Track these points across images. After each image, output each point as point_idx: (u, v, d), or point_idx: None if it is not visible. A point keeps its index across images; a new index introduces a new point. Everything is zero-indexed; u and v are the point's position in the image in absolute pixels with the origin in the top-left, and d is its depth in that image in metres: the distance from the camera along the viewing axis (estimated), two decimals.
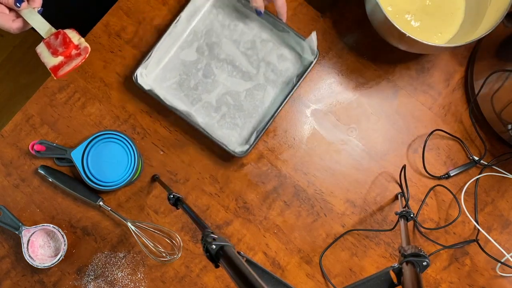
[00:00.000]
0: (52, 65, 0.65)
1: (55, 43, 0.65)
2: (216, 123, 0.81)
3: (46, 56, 0.66)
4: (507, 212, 0.83)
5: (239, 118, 0.81)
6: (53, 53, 0.65)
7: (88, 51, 0.65)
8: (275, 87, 0.82)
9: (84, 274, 0.79)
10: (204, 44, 0.82)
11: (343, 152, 0.83)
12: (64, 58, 0.65)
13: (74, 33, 0.66)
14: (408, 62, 0.85)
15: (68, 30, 0.65)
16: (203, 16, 0.82)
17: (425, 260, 0.49)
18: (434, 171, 0.83)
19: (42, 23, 0.65)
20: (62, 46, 0.64)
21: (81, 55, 0.65)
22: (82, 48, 0.65)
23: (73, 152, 0.76)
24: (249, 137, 0.80)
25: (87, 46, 0.65)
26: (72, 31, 0.66)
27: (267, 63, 0.82)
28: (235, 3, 0.82)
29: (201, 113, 0.81)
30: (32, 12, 0.65)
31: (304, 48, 0.80)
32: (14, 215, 0.76)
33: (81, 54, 0.65)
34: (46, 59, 0.66)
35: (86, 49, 0.65)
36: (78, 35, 0.66)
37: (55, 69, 0.65)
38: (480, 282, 0.82)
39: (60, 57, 0.65)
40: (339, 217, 0.82)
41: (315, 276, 0.81)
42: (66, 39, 0.64)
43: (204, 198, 0.81)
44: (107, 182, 0.75)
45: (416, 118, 0.85)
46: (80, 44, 0.65)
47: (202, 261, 0.80)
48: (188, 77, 0.82)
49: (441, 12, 0.82)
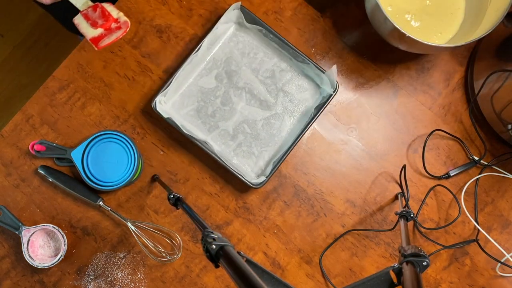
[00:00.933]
0: (92, 36, 0.64)
1: (93, 15, 0.64)
2: (232, 151, 0.81)
3: (85, 27, 0.65)
4: (507, 212, 0.83)
5: (256, 147, 0.81)
6: (92, 25, 0.64)
7: (128, 25, 0.64)
8: (292, 117, 0.82)
9: (84, 274, 0.79)
10: (223, 72, 0.82)
11: (343, 152, 0.83)
12: (104, 31, 0.64)
13: (112, 7, 0.65)
14: (408, 62, 0.85)
15: (106, 4, 0.64)
16: (223, 44, 0.82)
17: (425, 260, 0.49)
18: (434, 171, 0.83)
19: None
20: (101, 18, 0.64)
21: (122, 29, 0.64)
22: (122, 22, 0.64)
23: (73, 152, 0.76)
24: (265, 166, 0.80)
25: (127, 20, 0.64)
26: (110, 5, 0.65)
27: (285, 93, 0.82)
28: (256, 32, 0.81)
29: (218, 140, 0.81)
30: None
31: (323, 80, 0.80)
32: (14, 215, 0.76)
33: (121, 28, 0.64)
34: (85, 30, 0.65)
35: (126, 23, 0.64)
36: (116, 9, 0.65)
37: (96, 40, 0.64)
38: (480, 282, 0.82)
39: (100, 29, 0.64)
40: (339, 217, 0.82)
41: (315, 276, 0.81)
42: (105, 12, 0.64)
43: (204, 198, 0.81)
44: (107, 182, 0.75)
45: (416, 118, 0.85)
46: (120, 18, 0.64)
47: (202, 261, 0.80)
48: (206, 104, 0.81)
49: (441, 12, 0.81)
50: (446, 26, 0.82)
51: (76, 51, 0.82)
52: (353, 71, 0.85)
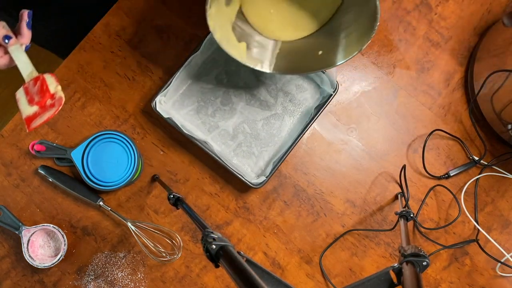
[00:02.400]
0: (26, 115, 0.59)
1: (32, 90, 0.59)
2: (232, 151, 0.81)
3: (23, 104, 0.60)
4: (507, 212, 0.83)
5: (255, 147, 0.81)
6: (29, 101, 0.59)
7: (61, 102, 0.58)
8: (292, 117, 0.82)
9: (84, 274, 0.79)
10: (223, 72, 0.82)
11: (343, 152, 0.83)
12: (39, 109, 0.59)
13: (53, 79, 0.60)
14: (408, 62, 0.85)
15: (48, 75, 0.60)
16: None
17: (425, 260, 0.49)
18: (434, 171, 0.83)
19: (26, 64, 0.60)
20: (38, 94, 0.59)
21: (55, 107, 0.58)
22: (57, 98, 0.58)
23: (73, 152, 0.76)
24: (265, 166, 0.80)
25: (61, 96, 0.58)
26: (51, 76, 0.60)
27: (285, 93, 0.82)
28: None
29: (218, 140, 0.81)
30: (19, 50, 0.60)
31: (323, 80, 0.80)
32: (14, 215, 0.76)
33: (54, 105, 0.58)
34: (23, 107, 0.60)
35: (60, 100, 0.58)
36: (56, 82, 0.60)
37: (29, 119, 0.59)
38: (480, 282, 0.82)
39: (35, 106, 0.59)
40: (339, 217, 0.82)
41: (315, 276, 0.81)
42: (44, 86, 0.59)
43: (204, 198, 0.81)
44: (107, 182, 0.75)
45: (416, 118, 0.85)
46: (56, 93, 0.59)
47: (202, 261, 0.80)
48: (206, 104, 0.82)
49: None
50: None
51: (76, 51, 0.82)
52: (353, 71, 0.85)
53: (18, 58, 0.60)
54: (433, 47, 0.86)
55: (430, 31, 0.86)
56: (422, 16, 0.86)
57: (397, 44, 0.86)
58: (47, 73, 0.60)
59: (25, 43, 0.61)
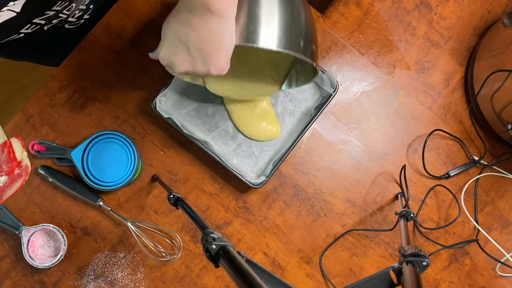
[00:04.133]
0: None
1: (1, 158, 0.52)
2: (232, 151, 0.81)
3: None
4: (507, 212, 0.83)
5: (255, 147, 0.81)
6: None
7: (28, 171, 0.52)
8: (292, 117, 0.82)
9: (84, 274, 0.79)
10: None
11: (343, 152, 0.83)
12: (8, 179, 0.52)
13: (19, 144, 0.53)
14: (408, 62, 0.85)
15: (14, 140, 0.53)
16: None
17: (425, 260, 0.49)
18: (434, 171, 0.83)
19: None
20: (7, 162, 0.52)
21: (22, 177, 0.52)
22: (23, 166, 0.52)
23: (73, 152, 0.76)
24: (265, 166, 0.80)
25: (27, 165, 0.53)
26: (18, 140, 0.53)
27: (285, 93, 0.82)
28: None
29: (218, 140, 0.81)
30: None
31: (323, 80, 0.80)
32: (14, 215, 0.76)
33: (21, 175, 0.52)
34: None
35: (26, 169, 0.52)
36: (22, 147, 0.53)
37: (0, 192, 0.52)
38: (480, 282, 0.82)
39: (4, 176, 0.52)
40: (339, 217, 0.82)
41: (315, 276, 0.81)
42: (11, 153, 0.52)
43: (204, 198, 0.81)
44: (107, 182, 0.75)
45: (416, 118, 0.85)
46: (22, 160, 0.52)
47: (202, 261, 0.80)
48: (205, 104, 0.81)
49: None
50: None
51: (76, 51, 0.82)
52: (353, 71, 0.85)
53: None
54: (433, 47, 0.86)
55: (430, 31, 0.86)
56: (422, 16, 0.86)
57: (397, 44, 0.86)
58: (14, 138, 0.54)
59: None
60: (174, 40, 0.56)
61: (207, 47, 0.55)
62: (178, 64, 0.58)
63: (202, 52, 0.56)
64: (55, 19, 0.69)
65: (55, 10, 0.64)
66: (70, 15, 0.73)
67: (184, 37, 0.55)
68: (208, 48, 0.55)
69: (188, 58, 0.57)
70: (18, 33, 0.63)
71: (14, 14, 0.55)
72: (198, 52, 0.56)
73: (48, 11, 0.63)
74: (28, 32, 0.65)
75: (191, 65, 0.58)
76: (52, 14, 0.65)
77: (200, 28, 0.54)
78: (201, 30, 0.54)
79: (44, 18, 0.64)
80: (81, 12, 0.78)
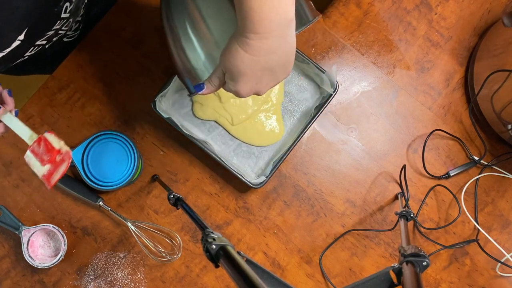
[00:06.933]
0: (42, 174, 0.59)
1: (39, 151, 0.60)
2: (232, 151, 0.81)
3: (36, 165, 0.60)
4: (507, 212, 0.83)
5: (256, 147, 0.81)
6: (41, 162, 0.59)
7: (70, 155, 0.58)
8: (292, 117, 0.82)
9: (84, 274, 0.79)
10: None
11: (343, 152, 0.83)
12: (51, 166, 0.59)
13: (53, 136, 0.60)
14: (408, 62, 0.85)
15: (48, 134, 0.60)
16: None
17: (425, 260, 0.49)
18: (434, 171, 0.83)
19: (22, 128, 0.61)
20: (47, 153, 0.59)
21: (65, 161, 0.58)
22: (64, 153, 0.59)
23: (73, 152, 0.76)
24: (265, 166, 0.80)
25: (68, 150, 0.59)
26: (51, 134, 0.60)
27: (285, 93, 0.82)
28: None
29: (217, 140, 0.81)
30: (11, 118, 0.61)
31: (323, 80, 0.80)
32: (14, 215, 0.76)
33: (64, 160, 0.58)
34: (36, 168, 0.60)
35: (67, 153, 0.59)
36: (57, 138, 0.60)
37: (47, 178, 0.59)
38: (480, 282, 0.82)
39: (47, 165, 0.59)
40: (339, 217, 0.82)
41: (315, 276, 0.81)
42: (48, 145, 0.59)
43: (204, 198, 0.81)
44: (107, 182, 0.75)
45: (416, 118, 0.85)
46: (61, 148, 0.59)
47: (202, 261, 0.80)
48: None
49: None
50: None
51: (76, 51, 0.82)
52: (353, 71, 0.85)
53: (13, 124, 0.61)
54: (433, 47, 0.86)
55: (430, 31, 0.86)
56: (422, 16, 0.86)
57: (397, 44, 0.86)
58: (46, 132, 0.60)
59: (11, 108, 0.62)
60: (256, 73, 0.54)
61: (289, 58, 0.54)
62: (263, 88, 0.56)
63: (283, 65, 0.54)
64: (55, 37, 0.69)
65: (55, 29, 0.65)
66: (68, 30, 0.74)
67: (267, 65, 0.53)
68: (289, 58, 0.54)
69: (272, 77, 0.55)
70: (23, 56, 0.64)
71: (19, 43, 0.56)
72: (280, 67, 0.54)
73: (49, 31, 0.63)
74: (31, 54, 0.65)
75: (274, 81, 0.56)
76: (52, 33, 0.65)
77: (280, 48, 0.52)
78: (281, 49, 0.52)
79: (45, 38, 0.65)
80: (77, 24, 0.79)
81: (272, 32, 0.49)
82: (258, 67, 0.53)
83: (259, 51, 0.51)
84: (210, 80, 0.58)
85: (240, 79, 0.54)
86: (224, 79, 0.56)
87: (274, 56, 0.52)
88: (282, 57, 0.53)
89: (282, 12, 0.49)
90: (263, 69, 0.53)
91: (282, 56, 0.53)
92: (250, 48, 0.51)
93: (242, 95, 0.56)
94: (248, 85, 0.55)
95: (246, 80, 0.54)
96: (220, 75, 0.56)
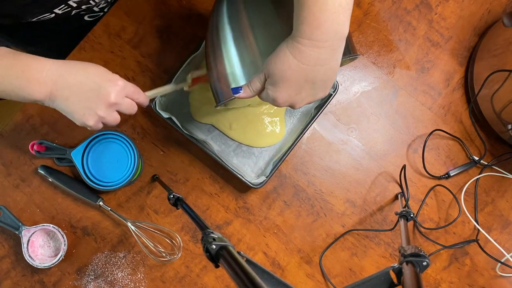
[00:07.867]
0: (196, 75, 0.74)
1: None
2: (232, 151, 0.81)
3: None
4: (507, 212, 0.83)
5: (256, 147, 0.81)
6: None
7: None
8: (292, 117, 0.82)
9: (84, 274, 0.79)
10: None
11: (343, 152, 0.83)
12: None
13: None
14: (408, 62, 0.85)
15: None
16: None
17: (425, 260, 0.49)
18: (434, 171, 0.83)
19: (170, 87, 0.72)
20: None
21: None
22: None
23: (73, 152, 0.76)
24: (265, 166, 0.80)
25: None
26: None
27: None
28: None
29: (217, 140, 0.81)
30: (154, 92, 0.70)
31: None
32: (14, 215, 0.76)
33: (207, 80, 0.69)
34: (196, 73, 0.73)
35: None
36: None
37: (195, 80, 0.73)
38: (480, 282, 0.82)
39: None
40: (339, 217, 0.82)
41: (315, 276, 0.81)
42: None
43: (204, 198, 0.81)
44: (107, 182, 0.75)
45: (416, 118, 0.85)
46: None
47: (202, 261, 0.80)
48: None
49: None
50: None
51: (76, 51, 0.82)
52: (353, 71, 0.85)
53: (161, 91, 0.71)
54: (433, 47, 0.86)
55: (430, 31, 0.86)
56: (422, 16, 0.86)
57: (397, 44, 0.86)
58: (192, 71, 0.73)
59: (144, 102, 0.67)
60: (300, 82, 0.53)
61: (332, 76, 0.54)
62: (300, 101, 0.56)
63: (325, 81, 0.54)
64: (84, 5, 0.69)
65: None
66: (97, 5, 0.74)
67: (311, 76, 0.53)
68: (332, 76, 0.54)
69: (311, 92, 0.55)
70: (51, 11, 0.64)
71: None
72: (321, 83, 0.54)
73: None
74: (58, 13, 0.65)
75: (312, 97, 0.56)
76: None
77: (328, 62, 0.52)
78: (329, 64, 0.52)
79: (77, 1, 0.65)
80: (105, 4, 0.79)
81: (325, 42, 0.50)
82: (302, 76, 0.53)
83: (308, 59, 0.51)
84: (250, 84, 0.57)
85: (282, 84, 0.54)
86: (264, 84, 0.56)
87: (321, 68, 0.52)
88: (327, 72, 0.53)
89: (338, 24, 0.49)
90: (307, 80, 0.53)
91: (327, 71, 0.53)
92: (300, 55, 0.51)
93: (279, 103, 0.56)
94: (288, 93, 0.55)
95: (288, 86, 0.54)
96: (261, 79, 0.56)
